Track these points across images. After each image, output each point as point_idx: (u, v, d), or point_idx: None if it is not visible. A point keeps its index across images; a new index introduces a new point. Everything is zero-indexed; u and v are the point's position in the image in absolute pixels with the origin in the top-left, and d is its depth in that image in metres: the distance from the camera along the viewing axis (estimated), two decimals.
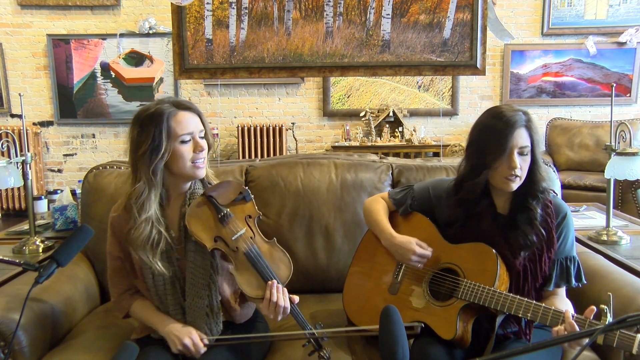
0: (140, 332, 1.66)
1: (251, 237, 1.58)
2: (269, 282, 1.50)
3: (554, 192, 1.69)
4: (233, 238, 1.55)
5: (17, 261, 1.31)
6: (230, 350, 1.57)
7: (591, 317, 1.33)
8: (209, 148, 1.61)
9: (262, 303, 1.50)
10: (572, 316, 1.36)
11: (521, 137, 1.54)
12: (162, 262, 1.54)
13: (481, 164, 1.57)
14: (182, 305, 1.58)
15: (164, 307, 1.58)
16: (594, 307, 1.34)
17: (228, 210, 1.59)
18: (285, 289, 1.51)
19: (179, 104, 1.55)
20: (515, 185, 1.56)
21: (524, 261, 1.57)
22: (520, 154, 1.54)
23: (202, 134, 1.57)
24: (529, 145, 1.55)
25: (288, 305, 1.49)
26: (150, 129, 1.50)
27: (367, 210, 1.84)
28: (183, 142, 1.52)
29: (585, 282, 1.62)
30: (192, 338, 1.51)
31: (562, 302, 1.56)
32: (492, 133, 1.54)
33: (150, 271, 1.56)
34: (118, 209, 1.63)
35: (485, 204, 1.63)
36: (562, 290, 1.62)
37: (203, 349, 1.51)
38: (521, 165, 1.54)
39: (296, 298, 1.53)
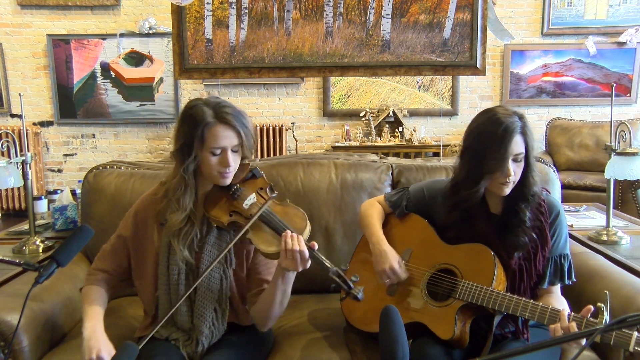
0: (144, 330, 1.66)
1: (263, 203, 1.59)
2: (283, 233, 1.48)
3: (546, 190, 1.70)
4: (245, 206, 1.57)
5: (17, 261, 1.31)
6: (232, 350, 1.57)
7: (588, 316, 1.34)
8: (244, 158, 1.61)
9: (279, 258, 1.47)
10: (569, 315, 1.36)
11: (517, 145, 1.54)
12: (186, 252, 1.57)
13: (478, 171, 1.57)
14: (192, 298, 1.58)
15: (173, 297, 1.56)
16: (592, 307, 1.34)
17: (238, 185, 1.62)
18: (301, 237, 1.47)
19: (221, 117, 1.52)
20: (508, 189, 1.57)
21: (519, 260, 1.58)
22: (515, 160, 1.55)
23: (237, 148, 1.55)
24: (524, 151, 1.56)
25: (305, 249, 1.45)
26: (185, 131, 1.53)
27: (362, 214, 1.85)
28: (213, 153, 1.53)
29: (575, 279, 1.63)
30: (101, 356, 1.43)
31: (557, 300, 1.57)
32: (491, 141, 1.52)
33: (166, 259, 1.57)
34: (157, 193, 1.63)
35: (478, 205, 1.64)
36: (557, 288, 1.62)
37: None
38: (515, 171, 1.55)
39: (315, 244, 1.49)
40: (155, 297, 1.61)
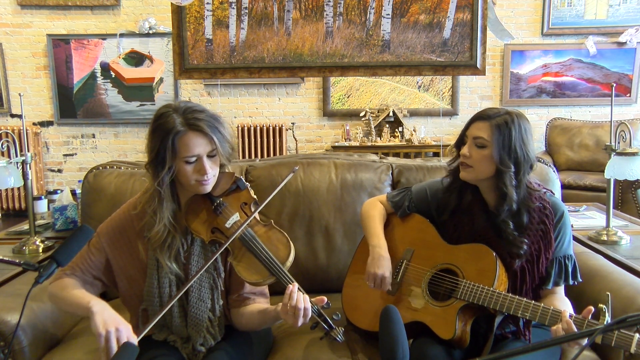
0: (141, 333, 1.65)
1: (244, 222, 1.54)
2: (288, 285, 1.42)
3: (550, 191, 1.69)
4: (227, 225, 1.53)
5: (17, 261, 1.31)
6: (232, 351, 1.56)
7: (589, 318, 1.33)
8: (223, 165, 1.56)
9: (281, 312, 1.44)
10: (570, 316, 1.36)
11: (478, 129, 1.57)
12: (174, 265, 1.53)
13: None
14: (185, 308, 1.56)
15: (167, 311, 1.55)
16: (592, 308, 1.34)
17: (221, 199, 1.56)
18: (306, 296, 1.42)
19: (192, 123, 1.44)
20: (466, 174, 1.61)
21: (520, 262, 1.58)
22: (477, 145, 1.57)
23: (213, 153, 1.49)
24: (487, 139, 1.54)
25: (309, 307, 1.40)
26: (156, 142, 1.45)
27: (363, 214, 1.84)
28: (187, 162, 1.46)
29: (581, 280, 1.62)
30: (120, 329, 1.32)
31: (561, 301, 1.57)
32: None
33: (156, 273, 1.54)
34: (137, 207, 1.57)
35: (472, 197, 1.64)
36: (561, 289, 1.62)
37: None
38: (471, 154, 1.57)
39: (325, 299, 1.45)
40: (143, 309, 1.57)
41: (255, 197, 1.60)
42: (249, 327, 1.62)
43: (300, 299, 1.39)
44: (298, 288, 1.43)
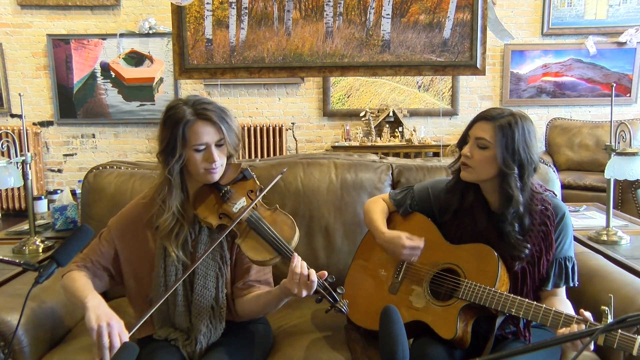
0: (140, 331, 1.65)
1: (253, 207, 1.60)
2: (291, 256, 1.48)
3: (553, 192, 1.69)
4: (234, 210, 1.58)
5: (17, 261, 1.30)
6: (232, 350, 1.57)
7: (591, 319, 1.33)
8: (230, 156, 1.62)
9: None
10: (574, 318, 1.36)
11: (481, 129, 1.56)
12: (181, 253, 1.57)
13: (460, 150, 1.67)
14: (189, 298, 1.58)
15: (171, 298, 1.57)
16: (583, 310, 1.34)
17: (228, 187, 1.62)
18: (312, 271, 1.47)
19: (200, 113, 1.52)
20: (467, 174, 1.60)
21: (521, 264, 1.57)
22: (478, 146, 1.56)
23: (221, 142, 1.56)
24: (489, 140, 1.54)
25: (314, 279, 1.45)
26: (167, 132, 1.53)
27: (366, 210, 1.85)
28: (197, 150, 1.53)
29: (578, 283, 1.62)
30: (112, 324, 1.36)
31: (562, 303, 1.56)
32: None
33: (163, 262, 1.57)
34: (146, 197, 1.65)
35: (474, 198, 1.64)
36: (562, 291, 1.61)
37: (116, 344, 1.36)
38: (473, 154, 1.56)
39: (325, 273, 1.50)
40: (149, 299, 1.60)
41: (261, 186, 1.66)
42: (252, 313, 1.64)
43: (305, 266, 1.46)
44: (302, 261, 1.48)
